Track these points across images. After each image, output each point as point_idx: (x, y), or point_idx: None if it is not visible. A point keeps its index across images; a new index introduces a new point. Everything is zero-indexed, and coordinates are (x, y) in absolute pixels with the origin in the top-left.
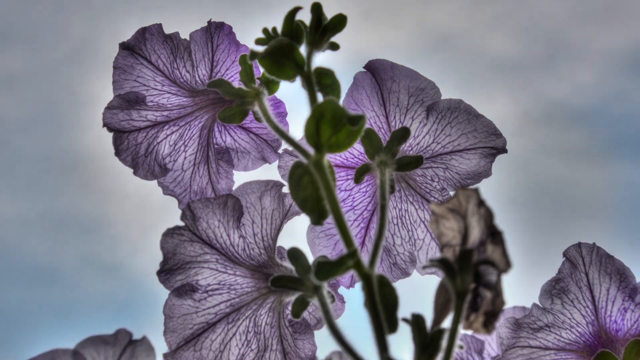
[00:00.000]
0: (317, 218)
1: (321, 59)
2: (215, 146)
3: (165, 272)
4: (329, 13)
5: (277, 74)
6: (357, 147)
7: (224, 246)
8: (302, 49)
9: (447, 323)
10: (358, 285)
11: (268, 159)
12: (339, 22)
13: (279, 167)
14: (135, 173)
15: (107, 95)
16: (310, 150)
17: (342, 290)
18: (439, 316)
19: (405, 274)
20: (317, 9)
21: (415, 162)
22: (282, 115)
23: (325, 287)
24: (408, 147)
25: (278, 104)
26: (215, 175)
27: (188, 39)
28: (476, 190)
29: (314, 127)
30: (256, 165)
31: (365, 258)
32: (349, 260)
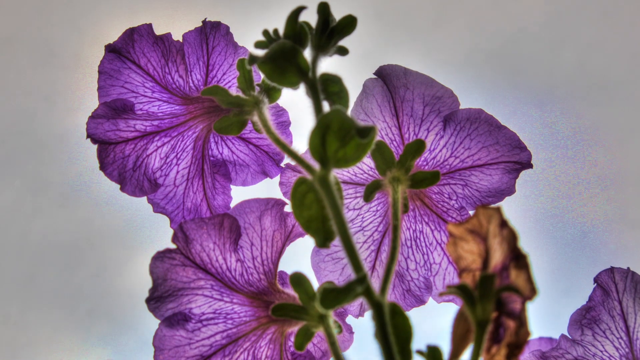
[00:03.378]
0: (323, 240)
1: (327, 64)
2: (211, 158)
3: (155, 299)
4: (337, 14)
5: (278, 80)
6: (367, 162)
7: (219, 271)
8: (307, 53)
9: (466, 356)
10: (368, 314)
11: (269, 173)
12: (349, 23)
13: (281, 183)
14: (122, 189)
15: (91, 103)
16: (315, 165)
17: (350, 319)
18: (457, 348)
19: (420, 301)
20: (324, 9)
21: (431, 178)
22: (285, 124)
23: (332, 316)
24: (423, 162)
25: (280, 113)
26: (210, 191)
27: (181, 40)
28: (498, 210)
29: (319, 139)
30: (256, 180)
31: (376, 284)
32: (358, 286)
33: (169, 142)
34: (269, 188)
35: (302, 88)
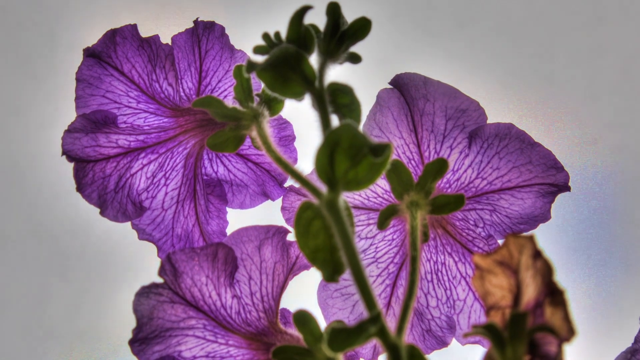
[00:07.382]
0: (331, 273)
1: (337, 73)
2: (205, 177)
3: (140, 341)
4: (349, 15)
5: (280, 90)
6: (382, 184)
7: (213, 308)
8: (313, 60)
9: None
10: (382, 358)
11: (270, 195)
12: (362, 27)
13: (283, 208)
14: (102, 213)
15: (68, 115)
16: (323, 188)
17: None
18: None
19: (442, 343)
20: (334, 10)
21: (454, 202)
22: (289, 139)
23: None
24: (445, 184)
25: (283, 125)
26: (204, 215)
27: (170, 43)
28: (531, 238)
29: (327, 158)
30: (255, 202)
31: (391, 324)
32: (371, 326)
33: (157, 159)
34: (270, 213)
35: (307, 99)
